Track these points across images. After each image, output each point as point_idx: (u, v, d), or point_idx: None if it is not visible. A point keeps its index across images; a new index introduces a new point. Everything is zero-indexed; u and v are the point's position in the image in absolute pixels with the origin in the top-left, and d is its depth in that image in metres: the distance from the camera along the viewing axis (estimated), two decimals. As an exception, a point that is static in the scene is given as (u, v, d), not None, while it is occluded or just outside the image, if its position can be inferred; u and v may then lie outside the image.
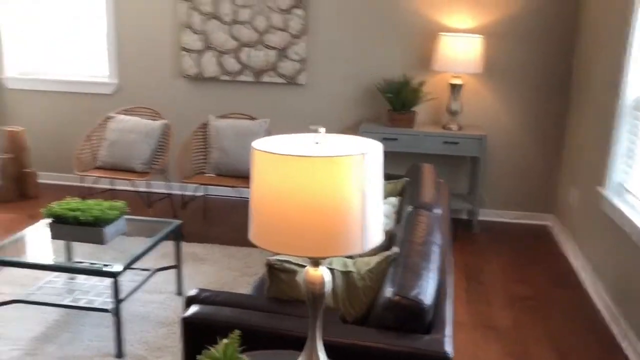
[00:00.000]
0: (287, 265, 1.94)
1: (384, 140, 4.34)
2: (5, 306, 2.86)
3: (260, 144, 1.38)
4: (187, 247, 3.88)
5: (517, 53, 4.38)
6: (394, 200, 2.86)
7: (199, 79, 4.76)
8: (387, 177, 3.42)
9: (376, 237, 1.40)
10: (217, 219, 4.46)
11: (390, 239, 2.43)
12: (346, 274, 2.03)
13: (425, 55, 4.47)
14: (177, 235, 3.19)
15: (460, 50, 4.19)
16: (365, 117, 4.67)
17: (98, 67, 4.94)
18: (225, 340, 1.44)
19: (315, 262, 1.49)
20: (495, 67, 4.42)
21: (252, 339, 1.78)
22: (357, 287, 2.02)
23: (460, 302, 3.33)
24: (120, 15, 4.74)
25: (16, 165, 4.74)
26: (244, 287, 3.29)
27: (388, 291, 1.83)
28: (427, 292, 1.84)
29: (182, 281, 3.27)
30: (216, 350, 1.42)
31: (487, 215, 4.66)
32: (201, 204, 4.74)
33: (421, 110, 4.55)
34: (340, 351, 1.72)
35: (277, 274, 1.92)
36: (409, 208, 2.64)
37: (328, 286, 1.50)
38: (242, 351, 1.51)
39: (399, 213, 2.78)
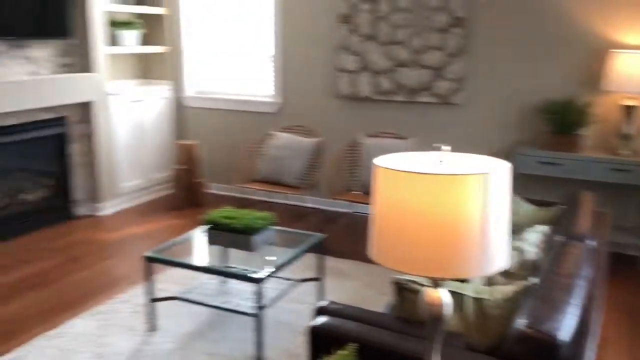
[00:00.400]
0: (413, 284, 1.90)
1: (541, 164, 4.08)
2: (164, 302, 3.17)
3: (383, 160, 1.39)
4: (331, 262, 3.97)
5: None
6: (544, 228, 2.67)
7: (353, 98, 4.89)
8: (541, 203, 3.21)
9: (499, 262, 1.33)
10: (364, 237, 4.51)
11: (533, 268, 2.28)
12: (478, 300, 1.94)
13: (593, 74, 4.13)
14: (320, 249, 3.29)
15: (636, 69, 3.81)
16: (523, 140, 4.43)
17: (264, 88, 5.31)
18: (341, 352, 1.45)
19: (436, 283, 1.45)
20: (679, 87, 3.94)
21: (372, 356, 1.78)
22: (490, 315, 1.91)
23: (617, 346, 2.99)
24: (285, 39, 5.06)
25: (189, 176, 5.24)
26: (382, 305, 3.27)
27: (520, 323, 1.71)
28: (564, 327, 1.69)
29: (323, 294, 3.36)
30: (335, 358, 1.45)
31: (662, 252, 4.14)
32: (349, 221, 4.84)
33: (589, 134, 4.20)
34: (464, 380, 1.65)
35: (403, 293, 1.90)
36: (560, 237, 2.45)
37: (447, 309, 1.45)
38: None
39: (548, 242, 2.59)
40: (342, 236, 4.52)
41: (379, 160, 1.39)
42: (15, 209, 4.45)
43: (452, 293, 1.96)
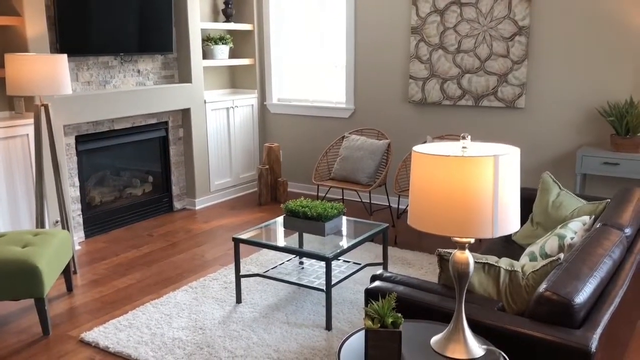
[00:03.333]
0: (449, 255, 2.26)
1: (604, 164, 4.26)
2: (249, 278, 3.67)
3: (419, 147, 1.79)
4: (398, 252, 4.35)
5: None
6: (586, 218, 2.93)
7: (422, 103, 5.25)
8: (591, 199, 3.45)
9: (508, 227, 1.68)
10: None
11: (568, 251, 2.57)
12: (511, 272, 2.28)
13: (657, 78, 4.27)
14: (385, 238, 3.68)
15: (698, 72, 3.93)
16: (586, 141, 4.61)
17: (339, 95, 5.77)
18: (384, 300, 1.85)
19: (462, 247, 1.83)
20: None
21: (416, 312, 2.16)
22: (520, 285, 2.24)
23: (668, 334, 3.17)
24: (358, 49, 5.49)
25: (271, 175, 5.78)
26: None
27: (542, 287, 2.04)
28: (581, 292, 2.00)
29: (388, 278, 3.74)
30: (377, 304, 1.85)
31: None
32: (418, 217, 5.18)
33: (651, 136, 4.33)
34: (493, 333, 1.99)
35: (444, 262, 2.26)
36: (598, 225, 2.72)
37: (471, 267, 1.82)
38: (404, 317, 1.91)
39: (588, 230, 2.85)
40: (411, 230, 4.88)
41: (416, 148, 1.79)
42: (123, 202, 5.14)
43: (490, 266, 2.31)
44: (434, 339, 1.92)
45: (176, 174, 5.51)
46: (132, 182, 5.23)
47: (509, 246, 3.40)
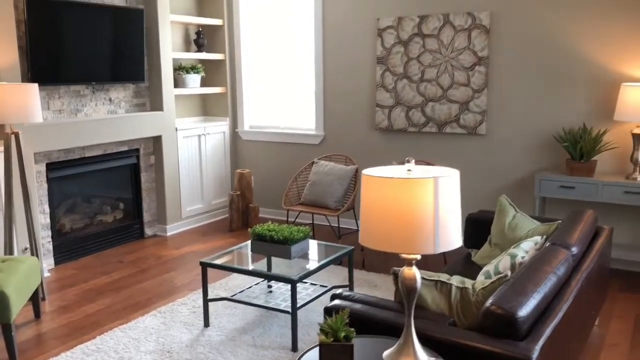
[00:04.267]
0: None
1: (561, 188, 4.44)
2: (217, 303, 3.73)
3: (367, 171, 1.91)
4: (365, 275, 4.45)
5: None
6: (538, 238, 3.07)
7: (389, 130, 5.42)
8: (544, 220, 3.61)
9: (449, 244, 1.81)
10: (393, 255, 4.96)
11: (518, 268, 2.70)
12: (462, 289, 2.40)
13: (608, 105, 4.50)
14: (350, 259, 3.78)
15: (645, 100, 4.16)
16: (544, 166, 4.80)
17: (308, 122, 5.92)
18: (337, 316, 1.95)
19: (409, 263, 1.94)
20: (687, 116, 4.25)
21: (373, 328, 2.26)
22: (470, 301, 2.36)
23: (621, 350, 3.30)
24: (327, 78, 5.67)
25: (243, 201, 5.87)
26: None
27: (488, 302, 2.16)
28: (524, 306, 2.13)
29: (354, 300, 3.83)
30: (331, 320, 1.94)
31: (681, 271, 4.38)
32: (386, 241, 5.31)
33: (605, 160, 4.55)
34: (444, 347, 2.10)
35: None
36: (547, 244, 2.86)
37: (419, 283, 1.93)
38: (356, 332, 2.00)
39: (538, 249, 2.99)
40: (376, 253, 4.99)
41: (365, 171, 1.91)
42: (94, 229, 5.17)
43: (442, 283, 2.43)
44: (385, 353, 2.01)
45: (147, 201, 5.56)
46: (102, 209, 5.27)
47: (469, 267, 3.53)
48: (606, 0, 4.39)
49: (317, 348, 2.11)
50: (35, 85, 3.85)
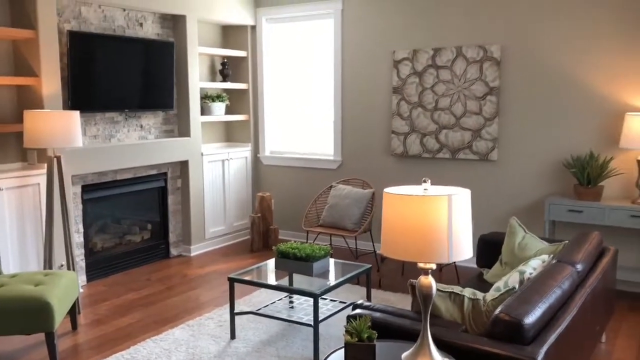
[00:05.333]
0: (422, 284, 2.60)
1: (570, 212, 4.64)
2: (242, 317, 3.96)
3: (389, 189, 2.16)
4: (382, 294, 4.66)
5: None
6: (545, 257, 3.28)
7: (404, 156, 5.67)
8: (552, 241, 3.82)
9: (462, 254, 2.04)
10: (414, 275, 5.16)
11: (522, 283, 2.91)
12: (473, 300, 2.61)
13: (613, 133, 4.72)
14: (368, 277, 4.01)
15: (648, 128, 4.38)
16: (553, 190, 5.02)
17: (327, 147, 6.20)
18: (361, 318, 2.18)
19: (426, 272, 2.17)
20: (690, 144, 4.46)
21: (392, 334, 2.49)
22: (481, 311, 2.58)
23: (625, 365, 3.47)
24: (345, 106, 5.96)
25: (263, 223, 6.12)
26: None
27: (497, 310, 2.38)
28: (530, 314, 2.34)
29: (371, 316, 4.04)
30: (355, 323, 2.17)
31: (687, 293, 4.54)
32: (400, 262, 5.52)
33: (612, 185, 4.76)
34: (456, 350, 2.31)
35: (415, 291, 2.59)
36: (554, 261, 3.08)
37: (434, 290, 2.16)
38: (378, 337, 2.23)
39: (545, 266, 3.20)
40: (392, 273, 5.20)
41: (387, 190, 2.16)
42: (123, 248, 5.44)
43: (455, 294, 2.65)
44: (404, 355, 2.23)
45: (173, 222, 5.83)
46: (131, 230, 5.55)
47: (481, 284, 3.73)
48: (611, 35, 4.66)
49: (342, 350, 2.33)
50: (77, 112, 4.17)
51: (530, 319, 2.33)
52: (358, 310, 2.63)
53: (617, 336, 3.88)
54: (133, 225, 5.57)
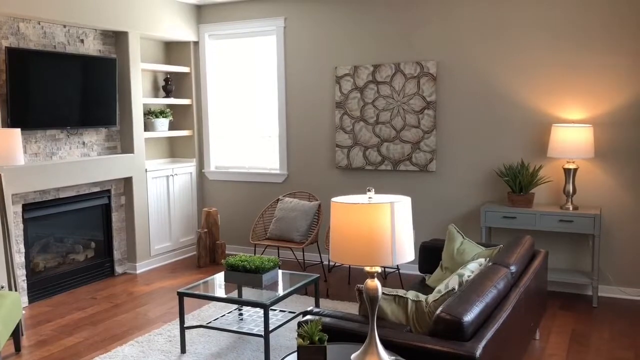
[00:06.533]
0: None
1: (504, 218, 4.91)
2: (192, 331, 3.98)
3: (336, 199, 2.28)
4: (330, 303, 4.77)
5: (628, 136, 4.76)
6: (482, 260, 3.49)
7: (348, 168, 5.84)
8: (488, 245, 4.05)
9: (404, 257, 2.18)
10: (360, 283, 5.30)
11: (461, 285, 3.09)
12: (417, 302, 2.77)
13: (541, 143, 5.05)
14: (316, 287, 4.11)
15: (572, 139, 4.71)
16: (488, 198, 5.30)
17: (273, 162, 6.30)
18: (311, 322, 2.29)
19: (372, 276, 2.31)
20: (606, 151, 4.82)
21: (341, 337, 2.60)
22: (424, 312, 2.74)
23: (558, 359, 3.71)
24: (290, 121, 6.09)
25: (210, 238, 6.14)
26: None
27: (439, 310, 2.53)
28: (469, 312, 2.51)
29: (320, 324, 4.14)
30: (307, 326, 2.28)
31: (611, 292, 4.89)
32: (346, 272, 5.66)
33: (541, 192, 5.07)
34: (402, 349, 2.45)
35: (362, 296, 2.72)
36: (489, 264, 3.28)
37: (379, 292, 2.29)
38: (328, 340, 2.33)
39: (482, 269, 3.40)
40: (341, 283, 5.33)
41: (335, 199, 2.28)
42: (66, 267, 5.34)
43: (400, 297, 2.79)
44: (354, 355, 2.35)
45: (118, 240, 5.77)
46: (75, 248, 5.45)
47: (424, 289, 3.90)
48: (539, 53, 5.00)
49: (293, 355, 2.43)
50: (18, 130, 4.11)
51: (469, 317, 2.50)
52: (309, 317, 2.73)
53: (549, 333, 4.14)
54: (76, 243, 5.48)
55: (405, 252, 2.19)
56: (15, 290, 4.23)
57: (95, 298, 5.05)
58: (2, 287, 4.43)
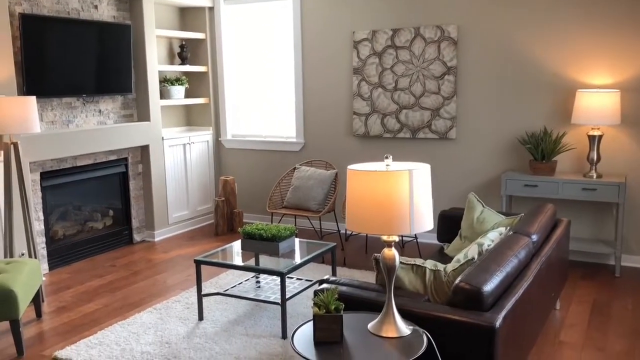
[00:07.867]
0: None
1: (525, 186, 4.81)
2: (209, 299, 3.99)
3: (353, 166, 2.22)
4: (347, 272, 4.75)
5: (658, 104, 4.59)
6: (502, 229, 3.42)
7: (365, 136, 5.75)
8: (509, 214, 3.96)
9: (423, 226, 2.12)
10: (377, 252, 5.27)
11: (481, 254, 3.03)
12: (435, 271, 2.72)
13: (565, 110, 4.90)
14: (333, 256, 4.08)
15: (598, 105, 4.56)
16: (509, 166, 5.18)
17: (289, 130, 6.23)
18: (328, 291, 2.25)
19: (389, 245, 2.25)
20: (633, 117, 4.67)
21: (358, 306, 2.57)
22: (443, 281, 2.69)
23: (579, 329, 3.66)
24: (306, 88, 5.99)
25: (227, 206, 6.13)
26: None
27: (457, 280, 2.48)
28: (489, 282, 2.45)
29: (337, 293, 4.13)
30: (323, 295, 2.24)
31: (635, 261, 4.79)
32: (363, 240, 5.63)
33: (564, 160, 4.95)
34: (420, 319, 2.41)
35: (379, 265, 2.68)
36: (510, 233, 3.21)
37: (397, 261, 2.24)
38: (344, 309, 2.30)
39: (503, 237, 3.33)
40: (358, 252, 5.30)
41: (351, 167, 2.22)
42: (85, 235, 5.38)
43: (417, 266, 2.74)
44: (370, 324, 2.32)
45: (135, 208, 5.78)
46: (93, 216, 5.48)
47: (442, 259, 3.85)
48: (563, 16, 4.81)
49: (309, 324, 2.40)
50: (33, 97, 4.08)
51: (489, 286, 2.44)
52: (325, 285, 2.70)
53: (570, 303, 4.08)
54: (95, 211, 5.51)
55: (424, 221, 2.13)
56: (35, 257, 4.27)
57: (114, 265, 5.09)
58: (23, 255, 4.48)
